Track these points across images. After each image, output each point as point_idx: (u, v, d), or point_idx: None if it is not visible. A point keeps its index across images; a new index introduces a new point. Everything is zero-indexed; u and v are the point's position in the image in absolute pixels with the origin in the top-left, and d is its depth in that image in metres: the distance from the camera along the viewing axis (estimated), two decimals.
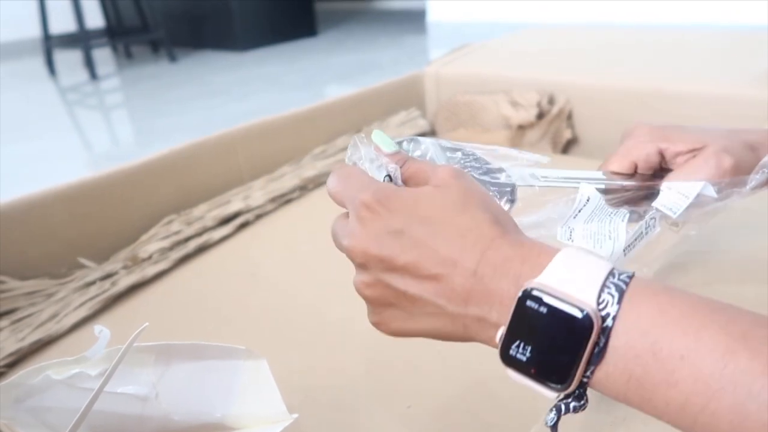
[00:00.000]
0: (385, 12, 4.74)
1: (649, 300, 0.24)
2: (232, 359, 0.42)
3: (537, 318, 0.24)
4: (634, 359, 0.23)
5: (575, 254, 0.26)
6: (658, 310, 0.23)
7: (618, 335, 0.23)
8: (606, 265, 0.25)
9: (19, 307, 0.72)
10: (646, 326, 0.23)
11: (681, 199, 0.38)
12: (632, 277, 0.25)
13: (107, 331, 0.39)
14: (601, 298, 0.24)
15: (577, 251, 0.26)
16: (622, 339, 0.23)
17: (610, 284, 0.24)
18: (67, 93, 2.89)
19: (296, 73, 2.79)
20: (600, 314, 0.24)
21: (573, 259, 0.26)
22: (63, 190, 0.79)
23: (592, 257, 0.26)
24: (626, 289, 0.24)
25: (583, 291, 0.24)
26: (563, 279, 0.25)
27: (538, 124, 1.11)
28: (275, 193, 0.97)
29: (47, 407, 0.40)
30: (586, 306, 0.24)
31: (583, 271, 0.25)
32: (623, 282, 0.24)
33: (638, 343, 0.23)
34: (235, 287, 0.77)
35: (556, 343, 0.24)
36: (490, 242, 0.27)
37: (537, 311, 0.24)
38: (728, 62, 1.14)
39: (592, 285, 0.24)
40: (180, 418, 0.42)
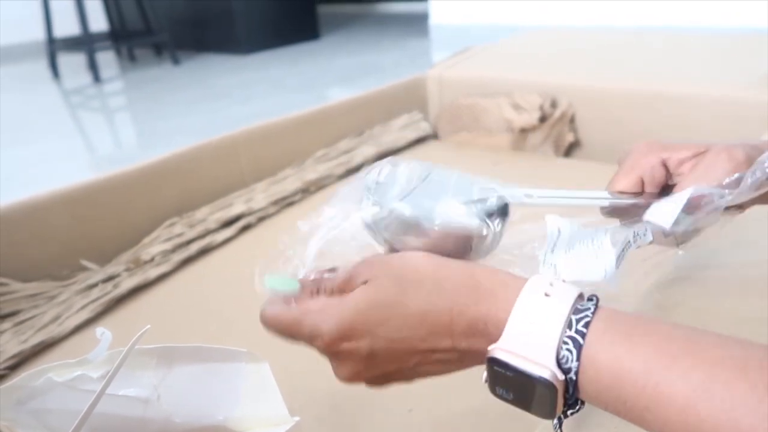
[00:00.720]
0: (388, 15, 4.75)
1: (608, 351, 0.25)
2: (233, 362, 0.42)
3: (507, 378, 0.27)
4: (606, 404, 0.25)
5: (532, 301, 0.27)
6: (618, 363, 0.24)
7: (584, 387, 0.25)
8: (564, 305, 0.26)
9: (21, 310, 0.73)
10: (608, 380, 0.24)
11: (671, 207, 0.36)
12: (591, 320, 0.25)
13: (109, 333, 0.39)
14: (560, 355, 0.25)
15: (535, 294, 0.27)
16: (589, 389, 0.25)
17: (567, 339, 0.25)
18: (70, 96, 2.90)
19: (299, 76, 2.79)
20: (562, 367, 0.25)
21: (529, 314, 0.26)
22: (65, 192, 0.79)
23: (551, 299, 0.26)
24: (583, 344, 0.25)
25: (542, 353, 0.25)
26: (522, 340, 0.26)
27: (540, 128, 1.11)
28: (277, 196, 0.97)
29: (49, 409, 0.40)
30: (545, 369, 0.25)
31: (540, 326, 0.26)
32: (580, 334, 0.25)
33: (604, 393, 0.25)
34: (237, 290, 0.77)
35: (530, 396, 0.26)
36: (450, 316, 0.28)
37: (505, 374, 0.26)
38: (730, 64, 1.14)
39: (549, 345, 0.25)
40: (182, 420, 0.42)
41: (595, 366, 0.25)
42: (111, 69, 3.38)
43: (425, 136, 1.23)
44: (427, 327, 0.29)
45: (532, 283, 0.28)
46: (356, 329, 0.30)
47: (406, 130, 1.21)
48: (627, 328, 0.25)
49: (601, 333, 0.25)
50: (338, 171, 1.06)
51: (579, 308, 0.26)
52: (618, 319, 0.26)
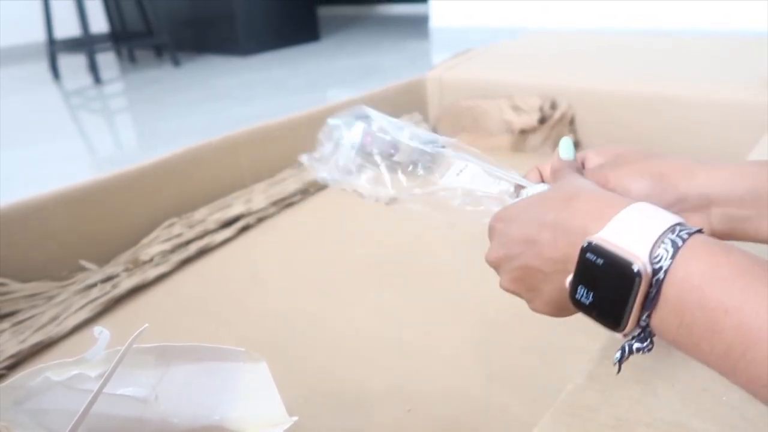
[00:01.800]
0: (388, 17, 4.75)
1: (703, 257, 0.25)
2: (232, 361, 0.42)
3: (595, 268, 0.27)
4: (684, 309, 0.25)
5: (641, 209, 0.28)
6: (710, 266, 0.25)
7: (669, 287, 0.25)
8: (670, 220, 0.27)
9: (20, 310, 0.73)
10: (696, 281, 0.25)
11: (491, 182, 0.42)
12: (693, 234, 0.26)
13: (107, 332, 0.39)
14: (655, 252, 0.26)
15: (645, 206, 0.28)
16: (672, 291, 0.25)
17: (666, 240, 0.26)
18: (71, 97, 2.90)
19: (299, 78, 2.79)
20: (653, 267, 0.26)
21: (636, 214, 0.28)
22: (65, 193, 0.79)
23: (660, 212, 0.27)
24: (682, 246, 0.26)
25: (638, 245, 0.26)
26: (622, 233, 0.27)
27: (540, 129, 1.11)
28: (277, 197, 0.97)
29: (46, 409, 0.40)
30: (637, 259, 0.26)
31: (643, 225, 0.27)
32: (681, 238, 0.26)
33: (687, 295, 0.25)
34: (236, 290, 0.77)
35: (611, 290, 0.27)
36: (562, 205, 0.31)
37: (595, 262, 0.27)
38: (729, 67, 1.14)
39: (647, 239, 0.26)
40: (179, 420, 0.42)
41: (687, 268, 0.25)
42: (111, 70, 3.38)
43: None
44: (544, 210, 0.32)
45: (642, 203, 0.29)
46: (508, 213, 0.36)
47: None
48: (726, 246, 0.26)
49: (700, 243, 0.26)
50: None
51: (684, 225, 0.27)
52: (718, 243, 0.26)
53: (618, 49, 1.41)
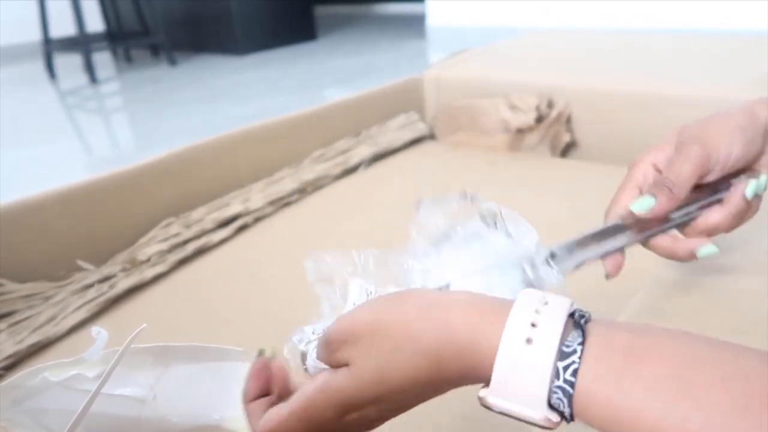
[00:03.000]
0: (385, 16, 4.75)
1: (599, 400, 0.23)
2: (230, 361, 0.42)
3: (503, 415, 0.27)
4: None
5: (514, 356, 0.25)
6: (611, 411, 0.23)
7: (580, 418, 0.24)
8: (549, 358, 0.24)
9: (17, 310, 0.72)
10: (602, 424, 0.23)
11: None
12: (578, 369, 0.24)
13: (105, 332, 0.38)
14: (552, 401, 0.24)
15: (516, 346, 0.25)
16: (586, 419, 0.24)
17: (556, 389, 0.24)
18: (67, 97, 2.89)
19: (296, 77, 2.79)
20: (557, 410, 0.24)
21: (514, 367, 0.25)
22: (62, 192, 0.79)
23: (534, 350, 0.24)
24: (573, 393, 0.24)
25: (533, 401, 0.24)
26: (512, 389, 0.25)
27: (537, 128, 1.11)
28: (274, 196, 0.97)
29: (44, 409, 0.40)
30: (539, 414, 0.24)
31: (527, 380, 0.25)
32: (569, 383, 0.24)
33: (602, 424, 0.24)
34: (234, 290, 0.77)
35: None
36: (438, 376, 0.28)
37: (499, 413, 0.26)
38: (728, 66, 1.14)
39: (539, 396, 0.24)
40: (178, 420, 0.42)
41: (588, 413, 0.24)
42: (107, 70, 3.38)
43: (422, 137, 1.23)
44: (421, 386, 0.29)
45: (511, 331, 0.25)
46: (355, 405, 0.30)
47: (403, 130, 1.21)
48: (619, 365, 0.23)
49: (590, 381, 0.24)
50: (335, 171, 1.06)
51: (565, 351, 0.24)
52: (609, 355, 0.24)
53: (616, 49, 1.42)
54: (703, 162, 0.37)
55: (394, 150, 1.17)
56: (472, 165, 1.11)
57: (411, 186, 1.04)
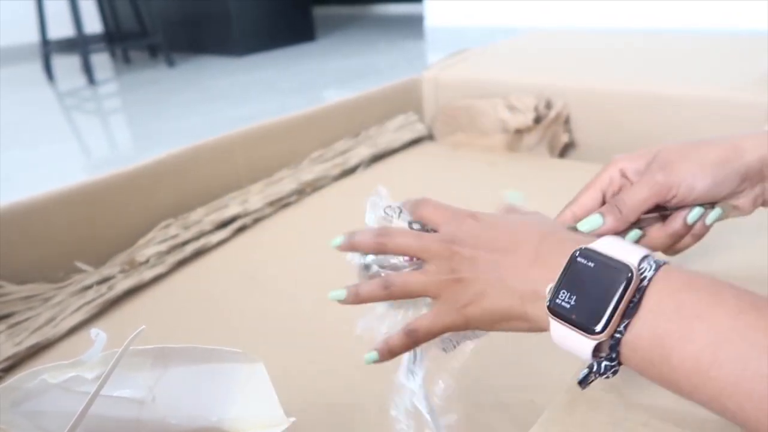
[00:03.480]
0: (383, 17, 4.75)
1: (679, 275, 0.28)
2: (229, 363, 0.42)
3: (585, 270, 0.29)
4: (660, 315, 0.27)
5: (619, 239, 0.31)
6: (686, 281, 0.28)
7: (650, 295, 0.27)
8: (645, 250, 0.30)
9: (16, 311, 0.72)
10: (674, 291, 0.27)
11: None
12: (666, 263, 0.29)
13: (103, 334, 0.38)
14: (641, 265, 0.28)
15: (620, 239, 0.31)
16: (653, 299, 0.27)
17: (649, 258, 0.29)
18: (65, 98, 2.89)
19: (294, 78, 2.79)
20: (639, 276, 0.28)
21: (618, 240, 0.31)
22: (60, 194, 0.79)
23: (634, 245, 0.30)
24: (662, 264, 0.29)
25: (628, 255, 0.29)
26: (612, 247, 0.30)
27: (535, 129, 1.11)
28: (273, 197, 0.96)
29: (43, 411, 0.40)
30: (629, 264, 0.28)
31: (629, 246, 0.30)
32: (658, 263, 0.29)
33: (666, 303, 0.27)
34: (233, 291, 0.77)
35: (599, 291, 0.28)
36: (548, 231, 0.34)
37: (586, 265, 0.29)
38: (726, 66, 1.15)
39: (635, 253, 0.29)
40: (177, 421, 0.42)
41: (668, 279, 0.28)
42: (106, 71, 3.37)
43: (421, 137, 1.23)
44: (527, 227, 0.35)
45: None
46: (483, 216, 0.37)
47: (401, 131, 1.21)
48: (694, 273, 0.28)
49: (672, 267, 0.29)
50: (334, 172, 1.06)
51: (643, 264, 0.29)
52: (685, 269, 0.29)
53: (614, 49, 1.42)
54: (661, 191, 0.37)
55: (392, 151, 1.17)
56: (470, 165, 1.11)
57: (410, 186, 1.04)
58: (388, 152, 1.17)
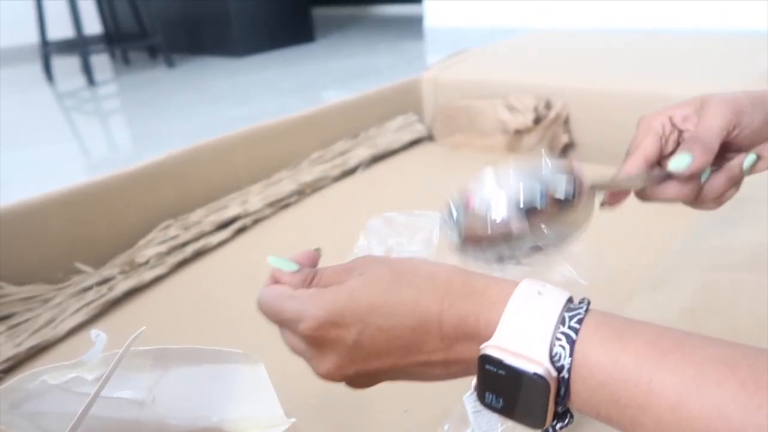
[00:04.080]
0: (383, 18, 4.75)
1: (600, 347, 0.24)
2: (229, 363, 0.42)
3: (498, 378, 0.26)
4: (598, 403, 0.24)
5: (525, 300, 0.27)
6: (610, 358, 0.24)
7: (576, 383, 0.25)
8: (556, 304, 0.26)
9: (15, 313, 0.72)
10: (601, 377, 0.24)
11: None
12: (583, 317, 0.25)
13: (104, 335, 0.38)
14: (553, 351, 0.25)
15: (528, 293, 0.27)
16: (581, 386, 0.25)
17: (560, 335, 0.25)
18: (64, 99, 2.89)
19: (294, 79, 2.79)
20: (555, 365, 0.25)
21: (523, 309, 0.26)
22: (60, 195, 0.79)
23: (544, 298, 0.26)
24: (576, 339, 0.25)
25: (534, 348, 0.25)
26: (515, 337, 0.26)
27: (535, 129, 1.11)
28: (273, 198, 0.96)
29: (44, 412, 0.40)
30: (539, 365, 0.25)
31: (533, 323, 0.26)
32: (573, 330, 0.25)
33: (597, 392, 0.24)
34: (233, 292, 0.77)
35: (521, 397, 0.26)
36: (441, 306, 0.28)
37: (497, 373, 0.26)
38: (725, 66, 1.15)
39: (541, 341, 0.25)
40: (177, 422, 0.42)
41: (588, 363, 0.24)
42: (105, 72, 3.37)
43: (420, 138, 1.23)
44: (417, 317, 0.28)
45: (525, 285, 0.27)
46: (346, 316, 0.29)
47: (401, 131, 1.21)
48: (618, 326, 0.25)
49: (593, 330, 0.25)
50: (334, 173, 1.06)
51: (571, 307, 0.26)
52: (609, 319, 0.26)
53: (613, 49, 1.42)
54: (731, 119, 0.38)
55: (392, 151, 1.17)
56: (470, 166, 1.11)
57: (410, 187, 1.04)
58: (388, 153, 1.17)
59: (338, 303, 0.29)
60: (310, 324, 0.29)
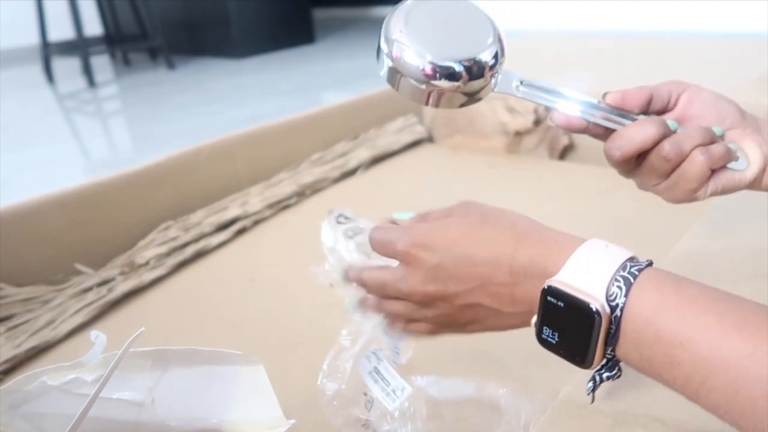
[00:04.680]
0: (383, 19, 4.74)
1: (654, 290, 0.27)
2: (228, 364, 0.41)
3: (557, 310, 0.29)
4: (642, 343, 0.26)
5: (593, 248, 0.29)
6: (662, 299, 0.26)
7: (626, 323, 0.27)
8: (621, 256, 0.28)
9: (15, 314, 0.72)
10: (649, 315, 0.26)
11: None
12: (643, 269, 0.27)
13: (103, 336, 0.38)
14: (610, 291, 0.27)
15: (597, 244, 0.29)
16: (630, 326, 0.27)
17: (619, 277, 0.27)
18: (65, 100, 2.89)
19: (294, 80, 2.79)
20: (610, 305, 0.27)
21: (589, 255, 0.29)
22: (60, 196, 0.79)
23: (611, 250, 0.29)
24: (633, 282, 0.27)
25: (594, 285, 0.28)
26: (578, 274, 0.28)
27: (535, 131, 1.11)
28: (272, 199, 0.97)
29: (43, 413, 0.40)
30: (595, 300, 0.27)
31: (597, 265, 0.28)
32: (632, 275, 0.27)
33: (643, 330, 0.26)
34: (233, 293, 0.77)
35: (574, 330, 0.28)
36: (515, 246, 0.32)
37: (557, 305, 0.28)
38: (726, 68, 1.15)
39: (602, 279, 0.27)
40: (176, 424, 0.41)
41: (641, 303, 0.26)
42: (106, 73, 3.37)
43: (420, 140, 1.23)
44: (492, 252, 0.32)
45: (594, 240, 0.30)
46: (435, 242, 0.34)
47: (401, 133, 1.21)
48: (674, 278, 0.27)
49: (649, 277, 0.27)
50: (334, 174, 1.06)
51: (635, 259, 0.28)
52: (666, 273, 0.28)
53: (613, 51, 1.42)
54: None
55: (392, 153, 1.17)
56: (470, 167, 1.11)
57: (409, 189, 1.04)
58: (388, 154, 1.17)
59: (430, 232, 0.35)
60: (405, 242, 0.35)
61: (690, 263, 0.52)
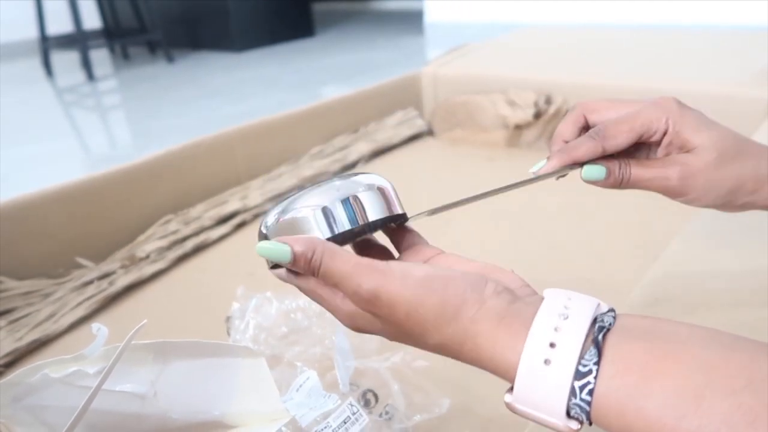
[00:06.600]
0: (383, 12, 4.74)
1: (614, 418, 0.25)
2: (230, 357, 0.42)
3: (527, 415, 0.27)
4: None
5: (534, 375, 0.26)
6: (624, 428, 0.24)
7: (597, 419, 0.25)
8: (564, 385, 0.25)
9: (16, 307, 0.72)
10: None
11: None
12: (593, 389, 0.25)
13: (105, 329, 0.39)
14: (572, 413, 0.25)
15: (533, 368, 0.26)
16: (603, 421, 0.25)
17: (573, 405, 0.25)
18: (64, 94, 2.89)
19: (293, 74, 2.79)
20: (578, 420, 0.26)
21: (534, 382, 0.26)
22: (60, 190, 0.79)
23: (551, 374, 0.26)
24: (590, 410, 0.25)
25: (554, 411, 0.26)
26: (534, 399, 0.26)
27: (535, 124, 1.11)
28: (273, 193, 0.97)
29: (45, 405, 0.40)
30: (559, 423, 0.26)
31: (546, 395, 0.26)
32: (585, 402, 0.25)
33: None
34: (233, 286, 0.77)
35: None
36: (460, 343, 0.30)
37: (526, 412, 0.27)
38: (726, 61, 1.15)
39: (558, 409, 0.25)
40: (178, 416, 0.42)
41: (606, 421, 0.25)
42: (105, 67, 3.37)
43: (420, 133, 1.23)
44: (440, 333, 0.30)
45: (531, 348, 0.27)
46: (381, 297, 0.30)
47: (400, 127, 1.21)
48: (633, 382, 0.24)
49: (604, 397, 0.25)
50: (333, 168, 1.06)
51: (581, 371, 0.25)
52: (623, 372, 0.25)
53: (613, 44, 1.42)
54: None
55: (392, 146, 1.17)
56: (470, 161, 1.11)
57: (409, 182, 1.04)
58: (388, 148, 1.17)
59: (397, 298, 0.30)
60: (366, 290, 0.31)
61: (682, 264, 0.52)
